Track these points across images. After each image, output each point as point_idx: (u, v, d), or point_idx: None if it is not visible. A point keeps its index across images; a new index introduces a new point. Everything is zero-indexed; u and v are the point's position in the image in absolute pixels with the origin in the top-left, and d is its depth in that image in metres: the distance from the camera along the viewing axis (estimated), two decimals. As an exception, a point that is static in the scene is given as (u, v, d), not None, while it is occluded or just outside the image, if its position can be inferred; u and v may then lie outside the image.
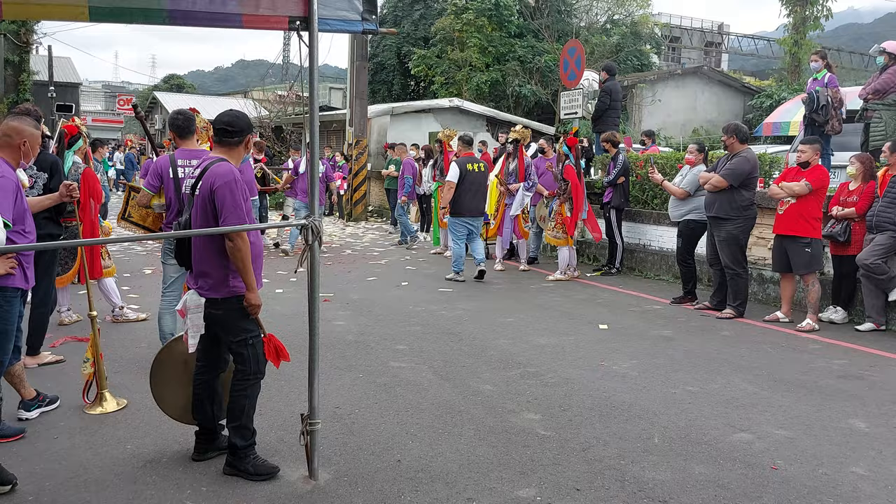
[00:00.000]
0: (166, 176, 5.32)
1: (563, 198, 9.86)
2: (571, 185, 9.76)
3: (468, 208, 9.79)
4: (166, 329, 5.71)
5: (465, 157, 9.93)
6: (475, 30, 25.92)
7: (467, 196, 9.74)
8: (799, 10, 25.31)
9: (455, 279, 9.75)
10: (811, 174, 7.27)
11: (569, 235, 9.87)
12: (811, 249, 7.28)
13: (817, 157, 7.35)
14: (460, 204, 9.77)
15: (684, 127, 24.75)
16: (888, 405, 5.14)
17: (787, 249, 7.39)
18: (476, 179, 9.81)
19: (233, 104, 23.66)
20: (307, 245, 3.76)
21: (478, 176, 9.84)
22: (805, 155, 7.38)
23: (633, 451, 4.29)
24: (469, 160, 9.84)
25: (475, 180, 9.80)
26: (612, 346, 6.64)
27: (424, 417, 4.77)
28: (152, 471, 3.95)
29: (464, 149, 10.09)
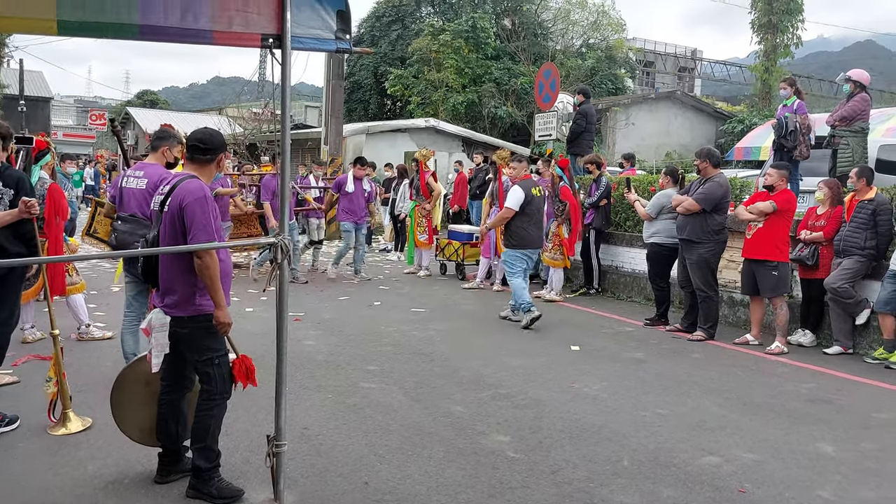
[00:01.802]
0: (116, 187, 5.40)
1: (561, 219, 9.91)
2: (570, 206, 9.84)
3: (531, 239, 8.43)
4: (127, 349, 5.63)
5: (527, 179, 8.58)
6: (452, 51, 26.08)
7: (531, 225, 8.39)
8: (770, 37, 25.81)
9: (529, 319, 8.12)
10: (778, 197, 7.37)
11: (566, 256, 9.93)
12: (778, 273, 7.35)
13: (784, 183, 7.44)
14: (522, 235, 8.37)
15: (658, 150, 24.99)
16: (855, 429, 5.19)
17: (755, 273, 7.47)
18: (538, 206, 8.55)
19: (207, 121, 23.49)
20: (276, 263, 3.73)
21: (539, 202, 8.59)
22: (771, 178, 7.48)
23: (603, 473, 4.27)
24: (531, 184, 8.52)
25: (538, 207, 8.54)
26: (584, 367, 6.64)
27: (393, 439, 4.72)
28: (114, 493, 3.86)
29: (524, 170, 8.69)
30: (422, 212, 11.96)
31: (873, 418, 5.45)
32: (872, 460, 4.62)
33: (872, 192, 7.36)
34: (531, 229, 8.40)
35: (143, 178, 5.21)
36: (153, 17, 3.32)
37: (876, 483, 4.26)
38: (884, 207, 7.24)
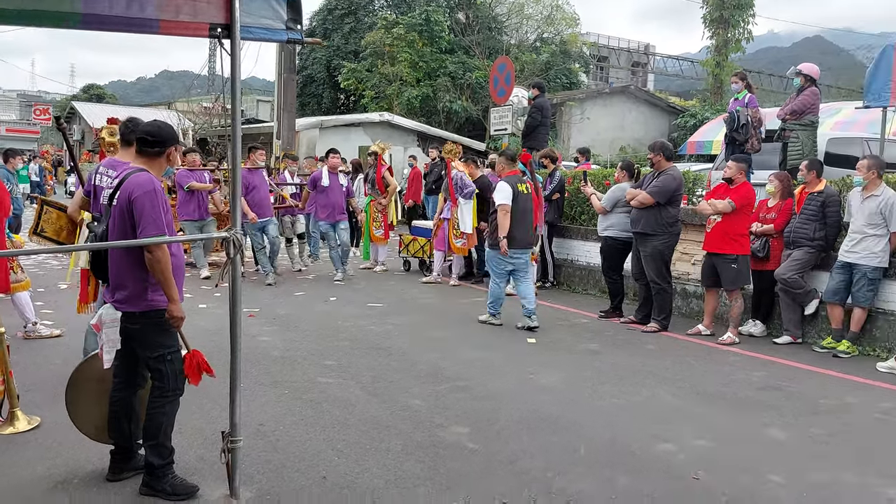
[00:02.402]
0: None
1: None
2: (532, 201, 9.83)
3: (518, 239, 7.90)
4: (89, 347, 5.49)
5: (512, 175, 8.05)
6: (406, 44, 25.98)
7: (517, 224, 7.86)
8: (721, 32, 26.29)
9: (490, 322, 8.05)
10: (736, 192, 7.45)
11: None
12: (738, 265, 7.44)
13: (742, 176, 7.54)
14: (511, 232, 7.85)
15: (612, 145, 25.29)
16: (804, 415, 5.31)
17: (716, 266, 7.56)
18: (525, 204, 7.97)
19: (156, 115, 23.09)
20: (229, 258, 3.67)
21: (526, 200, 8.00)
22: (730, 171, 7.58)
23: (560, 462, 4.30)
24: (517, 179, 8.02)
25: (524, 205, 7.96)
26: (541, 359, 6.67)
27: (351, 433, 4.69)
28: (64, 492, 3.78)
29: (508, 166, 8.13)
30: (377, 206, 11.90)
31: (821, 405, 5.59)
32: (821, 445, 4.73)
33: (822, 184, 7.52)
34: (516, 228, 7.85)
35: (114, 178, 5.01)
36: (97, 5, 3.23)
37: (826, 467, 4.36)
38: (832, 199, 7.41)
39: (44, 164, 24.77)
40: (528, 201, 8.04)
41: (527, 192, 8.02)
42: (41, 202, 5.94)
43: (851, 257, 7.04)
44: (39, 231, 5.73)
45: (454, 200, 10.42)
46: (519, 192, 7.90)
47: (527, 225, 8.02)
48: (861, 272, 6.97)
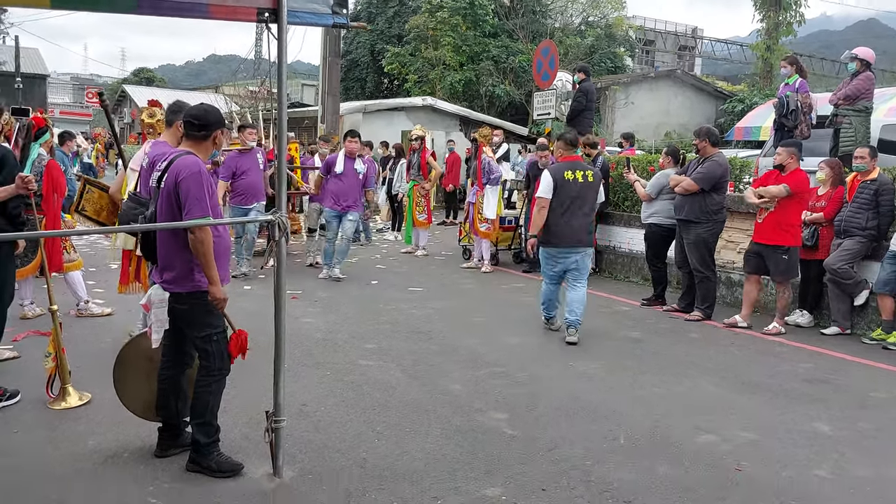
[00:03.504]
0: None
1: None
2: None
3: (560, 235, 6.90)
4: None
5: (565, 162, 7.07)
6: (449, 28, 25.87)
7: (560, 217, 6.87)
8: (772, 15, 25.66)
9: (547, 327, 7.30)
10: (791, 178, 7.21)
11: None
12: (789, 257, 7.26)
13: (794, 161, 7.30)
14: (548, 228, 6.95)
15: (657, 130, 24.92)
16: (851, 409, 5.21)
17: (765, 256, 7.36)
18: (576, 193, 6.89)
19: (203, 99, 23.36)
20: (274, 241, 3.72)
21: (581, 189, 6.90)
22: (780, 157, 7.36)
23: (599, 451, 4.29)
24: (569, 166, 6.97)
25: (575, 194, 6.88)
26: (581, 346, 6.64)
27: (392, 416, 4.73)
28: (113, 466, 3.89)
29: (565, 151, 7.15)
30: (420, 191, 11.92)
31: (870, 398, 5.47)
32: (869, 439, 4.64)
33: (875, 172, 7.32)
34: (557, 222, 6.88)
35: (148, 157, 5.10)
36: (151, -10, 3.29)
37: (872, 462, 4.28)
38: (886, 188, 7.21)
39: (98, 146, 25.26)
40: (582, 190, 6.92)
41: (581, 180, 6.91)
42: (84, 181, 6.07)
43: (904, 247, 6.86)
44: (80, 209, 5.87)
45: (480, 185, 10.43)
46: (566, 181, 6.88)
47: (577, 219, 6.90)
48: (914, 263, 6.79)
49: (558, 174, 6.93)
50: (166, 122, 5.12)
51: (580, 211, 6.92)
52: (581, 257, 6.98)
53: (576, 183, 6.88)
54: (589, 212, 7.06)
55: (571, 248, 6.93)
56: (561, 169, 6.98)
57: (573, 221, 6.88)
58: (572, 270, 7.02)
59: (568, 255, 6.95)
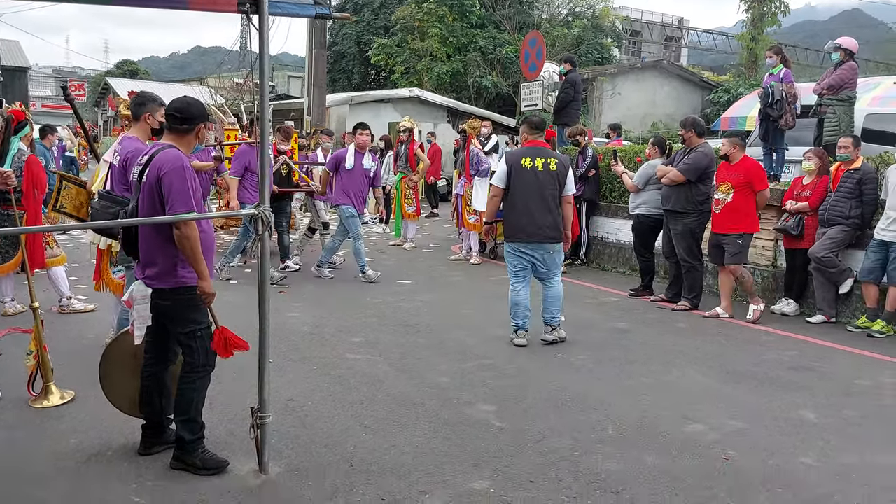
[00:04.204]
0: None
1: None
2: None
3: (524, 228, 6.29)
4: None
5: (527, 147, 6.51)
6: (436, 19, 25.79)
7: (520, 208, 6.28)
8: (757, 5, 25.71)
9: (516, 341, 6.34)
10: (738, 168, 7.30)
11: None
12: (742, 242, 7.33)
13: (738, 151, 7.37)
14: (511, 220, 6.40)
15: (644, 120, 24.94)
16: (836, 396, 5.23)
17: (722, 244, 7.43)
18: (533, 182, 6.24)
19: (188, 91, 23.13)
20: (257, 235, 3.69)
21: (541, 178, 6.24)
22: (725, 148, 7.44)
23: (587, 442, 4.29)
24: (529, 152, 6.36)
25: (533, 183, 6.24)
26: (569, 337, 6.63)
27: (379, 410, 4.71)
28: (97, 465, 3.85)
29: (529, 135, 6.55)
30: (409, 183, 11.88)
31: (855, 385, 5.50)
32: (854, 427, 4.66)
33: (859, 161, 7.35)
34: (518, 214, 6.29)
35: (119, 153, 4.98)
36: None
37: (857, 449, 4.29)
38: (869, 177, 7.24)
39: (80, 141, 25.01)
40: (542, 179, 6.25)
41: (541, 168, 6.24)
42: (60, 178, 5.98)
43: (887, 235, 6.89)
44: (59, 207, 5.79)
45: (469, 177, 10.41)
46: (522, 168, 6.26)
47: (541, 211, 6.25)
48: (898, 251, 6.82)
49: (515, 160, 6.34)
50: (133, 116, 5.03)
51: (542, 202, 6.25)
52: (547, 254, 6.36)
53: (534, 171, 6.23)
54: (553, 204, 6.31)
55: (536, 244, 6.31)
56: (519, 155, 6.41)
57: (536, 213, 6.24)
58: (540, 270, 6.40)
59: (533, 250, 6.34)
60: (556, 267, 6.47)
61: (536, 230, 6.25)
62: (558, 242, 6.39)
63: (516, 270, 6.42)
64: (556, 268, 6.48)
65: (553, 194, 6.29)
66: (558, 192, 6.33)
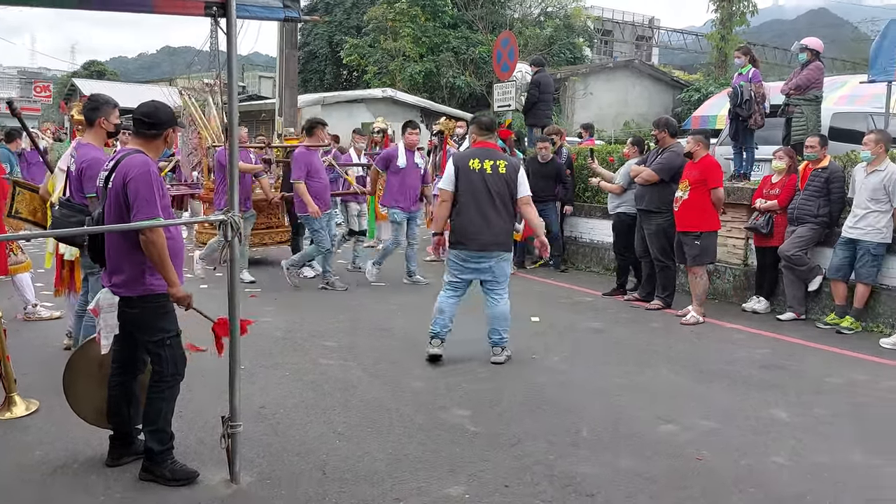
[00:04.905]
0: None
1: None
2: None
3: (471, 235, 5.80)
4: (74, 332, 5.51)
5: (476, 148, 6.05)
6: (408, 19, 25.75)
7: (468, 213, 5.80)
8: (726, 5, 25.95)
9: (431, 349, 5.91)
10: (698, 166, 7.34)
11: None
12: (701, 242, 7.35)
13: (701, 148, 7.39)
14: (457, 227, 5.92)
15: (616, 120, 25.10)
16: (808, 394, 5.27)
17: (683, 243, 7.48)
18: (482, 185, 5.78)
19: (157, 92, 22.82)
20: (226, 241, 3.63)
21: (489, 181, 5.78)
22: (689, 146, 7.47)
23: (562, 445, 4.28)
24: (477, 154, 5.90)
25: (481, 187, 5.78)
26: (544, 339, 6.64)
27: (353, 416, 4.67)
28: (63, 477, 3.77)
29: (479, 135, 6.09)
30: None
31: (825, 383, 5.55)
32: (825, 425, 4.70)
33: (826, 160, 7.44)
34: (466, 220, 5.81)
35: (75, 160, 4.87)
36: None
37: (828, 448, 4.33)
38: (837, 175, 7.32)
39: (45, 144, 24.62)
40: (491, 182, 5.79)
41: (490, 171, 5.78)
42: (13, 183, 5.87)
43: (855, 233, 6.97)
44: (14, 213, 5.67)
45: None
46: (469, 170, 5.80)
47: (491, 217, 5.78)
48: (864, 248, 6.90)
49: (462, 162, 5.89)
50: (86, 121, 4.90)
51: (492, 207, 5.79)
52: (496, 263, 5.86)
53: (482, 174, 5.78)
54: (504, 209, 5.85)
55: (484, 252, 5.82)
56: (466, 157, 5.97)
57: (486, 219, 5.77)
58: (487, 280, 5.93)
59: (480, 260, 5.84)
60: (505, 278, 5.95)
61: (486, 237, 5.78)
62: (508, 251, 5.96)
63: (454, 280, 5.99)
64: (505, 279, 5.96)
65: (504, 198, 5.84)
66: (509, 196, 5.88)
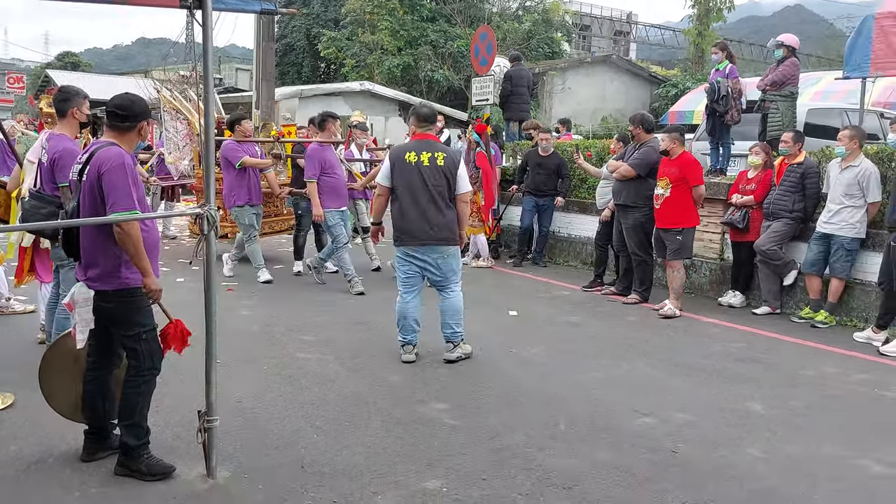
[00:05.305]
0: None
1: (475, 186, 9.82)
2: (482, 173, 9.76)
3: (411, 230, 5.68)
4: (47, 325, 5.44)
5: (414, 140, 5.90)
6: (386, 12, 25.62)
7: (405, 208, 5.67)
8: (703, 1, 26.06)
9: (405, 356, 5.78)
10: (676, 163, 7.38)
11: (484, 223, 9.90)
12: (682, 237, 7.42)
13: (677, 146, 7.46)
14: (395, 222, 5.82)
15: (593, 115, 25.14)
16: (782, 387, 5.34)
17: (664, 238, 7.54)
18: (417, 179, 5.61)
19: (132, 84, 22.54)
20: (203, 235, 3.61)
21: (426, 173, 5.60)
22: (665, 144, 7.53)
23: (540, 438, 4.30)
24: (414, 147, 5.74)
25: (416, 180, 5.60)
26: (522, 332, 6.67)
27: (330, 410, 4.66)
28: (37, 472, 3.73)
29: (417, 128, 5.91)
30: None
31: (799, 376, 5.62)
32: (799, 417, 4.77)
33: (801, 155, 7.52)
34: (405, 214, 5.67)
35: (47, 152, 4.84)
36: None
37: (802, 439, 4.39)
38: (812, 171, 7.41)
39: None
40: (427, 175, 5.60)
41: (427, 164, 5.59)
42: None
43: (829, 228, 7.06)
44: None
45: None
46: (405, 163, 5.62)
47: (430, 210, 5.61)
48: (838, 243, 6.99)
49: (398, 155, 5.71)
50: (58, 112, 4.90)
51: (430, 200, 5.60)
52: (439, 258, 5.72)
53: (419, 167, 5.58)
54: (443, 202, 5.64)
55: (425, 247, 5.68)
56: (403, 150, 5.77)
57: (423, 213, 5.60)
58: (434, 277, 5.80)
59: (424, 254, 5.71)
60: (454, 274, 5.82)
61: (424, 231, 5.62)
62: (452, 245, 5.75)
63: (405, 278, 5.82)
64: (454, 275, 5.82)
65: (442, 192, 5.63)
66: (447, 190, 5.67)
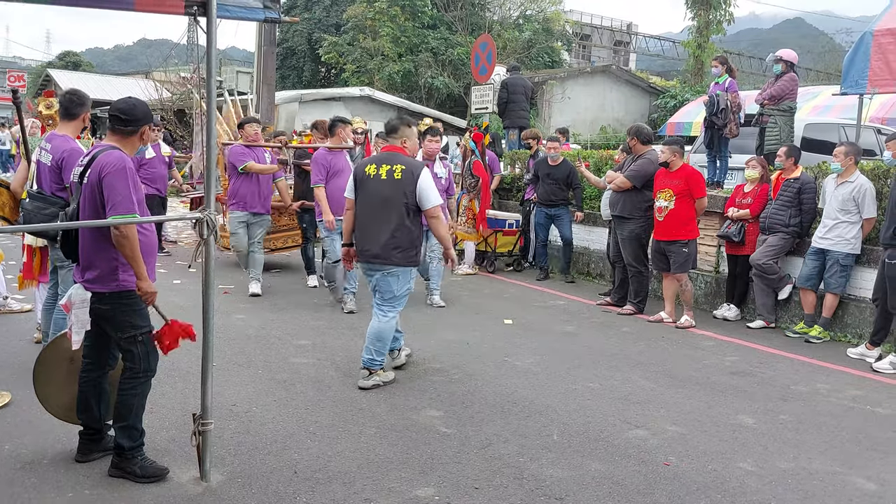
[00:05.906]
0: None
1: (472, 193, 9.87)
2: (482, 181, 9.81)
3: (358, 245, 5.40)
4: (44, 326, 5.45)
5: (381, 153, 5.70)
6: (388, 19, 25.70)
7: (359, 222, 5.38)
8: (703, 13, 26.16)
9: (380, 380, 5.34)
10: (677, 175, 7.42)
11: (477, 231, 9.93)
12: (688, 250, 7.47)
13: (678, 158, 7.50)
14: (356, 237, 5.45)
15: (593, 124, 25.21)
16: (775, 401, 5.36)
17: (667, 251, 7.56)
18: (375, 193, 5.27)
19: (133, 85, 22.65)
20: (202, 239, 3.63)
21: (382, 188, 5.24)
22: (664, 156, 7.56)
23: (533, 448, 4.32)
24: (376, 159, 5.41)
25: (374, 194, 5.28)
26: (517, 341, 6.69)
27: (324, 415, 4.68)
28: (31, 472, 3.74)
29: (384, 140, 6.03)
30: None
31: (791, 391, 5.65)
32: (791, 432, 4.78)
33: (798, 170, 7.55)
34: (360, 229, 5.39)
35: (50, 152, 4.88)
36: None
37: (794, 454, 4.41)
38: (808, 186, 7.44)
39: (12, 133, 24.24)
40: (383, 189, 5.24)
41: (386, 176, 5.23)
42: None
43: (824, 244, 7.09)
44: None
45: None
46: (366, 176, 5.30)
47: (376, 227, 5.25)
48: (833, 258, 7.03)
49: (360, 169, 5.41)
50: (68, 115, 4.93)
51: (380, 217, 5.25)
52: (381, 277, 5.31)
53: (377, 180, 5.25)
54: (396, 217, 5.22)
55: (368, 265, 5.33)
56: (364, 163, 5.44)
57: (371, 230, 5.28)
58: (375, 292, 5.43)
59: (366, 271, 5.40)
60: (392, 297, 5.34)
61: (369, 249, 5.28)
62: (394, 266, 5.26)
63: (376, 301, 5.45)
64: (392, 298, 5.35)
65: (396, 206, 5.22)
66: (404, 204, 5.23)
